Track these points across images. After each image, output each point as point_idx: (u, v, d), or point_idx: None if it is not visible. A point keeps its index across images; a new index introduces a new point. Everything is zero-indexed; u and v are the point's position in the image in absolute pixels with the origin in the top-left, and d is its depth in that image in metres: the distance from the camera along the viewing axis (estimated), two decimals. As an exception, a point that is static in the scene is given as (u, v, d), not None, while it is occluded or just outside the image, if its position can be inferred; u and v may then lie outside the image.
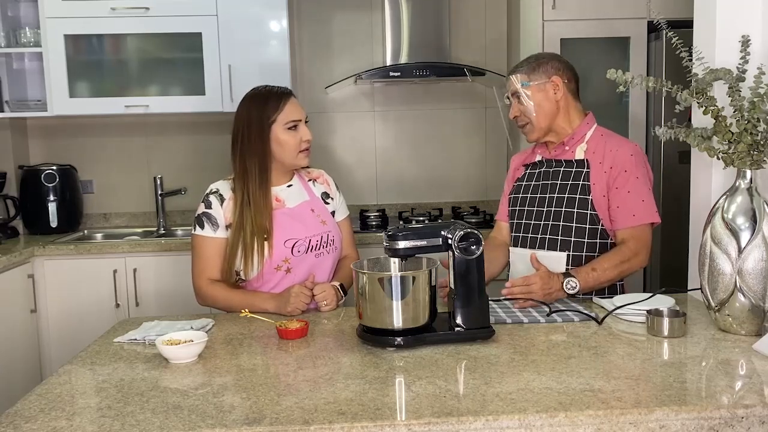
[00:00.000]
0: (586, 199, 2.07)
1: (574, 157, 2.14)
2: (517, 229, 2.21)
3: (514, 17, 3.77)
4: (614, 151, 2.08)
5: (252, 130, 2.07)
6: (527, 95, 2.13)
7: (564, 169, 2.15)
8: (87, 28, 3.42)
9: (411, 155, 4.01)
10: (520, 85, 2.14)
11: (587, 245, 2.07)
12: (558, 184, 2.14)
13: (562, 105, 2.13)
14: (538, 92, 2.13)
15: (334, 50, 3.92)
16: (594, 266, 1.99)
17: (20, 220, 3.62)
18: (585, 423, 1.25)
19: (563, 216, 2.09)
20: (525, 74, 2.14)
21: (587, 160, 2.11)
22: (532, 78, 2.13)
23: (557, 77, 2.12)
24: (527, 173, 2.26)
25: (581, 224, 2.07)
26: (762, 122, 1.65)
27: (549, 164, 2.19)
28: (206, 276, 2.09)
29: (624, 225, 2.05)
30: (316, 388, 1.41)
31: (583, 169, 2.10)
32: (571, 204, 2.09)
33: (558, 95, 2.13)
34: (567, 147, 2.15)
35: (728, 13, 1.97)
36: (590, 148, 2.12)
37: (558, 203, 2.11)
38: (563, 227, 2.09)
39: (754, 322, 1.66)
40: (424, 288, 1.65)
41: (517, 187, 2.27)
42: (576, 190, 2.09)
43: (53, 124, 3.78)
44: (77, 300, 3.25)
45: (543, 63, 2.15)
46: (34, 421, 1.30)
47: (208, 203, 2.11)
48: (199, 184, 2.40)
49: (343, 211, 2.29)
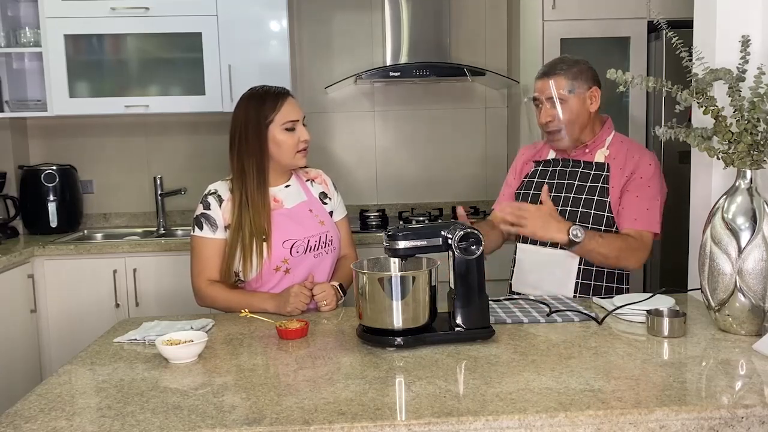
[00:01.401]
0: (604, 202, 2.07)
1: (594, 160, 2.13)
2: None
3: (514, 17, 3.77)
4: (636, 158, 2.08)
5: (249, 131, 2.07)
6: (566, 102, 2.06)
7: (582, 170, 2.13)
8: (87, 28, 3.42)
9: (411, 155, 4.01)
10: (565, 91, 2.06)
11: None
12: (575, 184, 2.13)
13: (593, 115, 2.11)
14: (578, 102, 2.07)
15: (334, 50, 3.92)
16: (602, 234, 2.00)
17: (20, 220, 3.62)
18: (585, 423, 1.25)
19: (579, 216, 2.08)
20: (568, 80, 2.07)
21: (608, 164, 2.10)
22: (575, 85, 2.07)
23: (596, 88, 2.09)
24: (539, 170, 2.23)
25: (597, 226, 2.07)
26: (762, 122, 1.65)
27: (565, 164, 2.17)
28: (205, 277, 2.09)
29: (624, 226, 2.06)
30: (316, 388, 1.41)
31: (602, 173, 2.10)
32: (589, 205, 2.08)
33: (594, 107, 2.10)
34: (588, 150, 2.14)
35: (728, 13, 1.97)
36: (611, 154, 2.11)
37: (575, 203, 2.10)
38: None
39: (754, 322, 1.66)
40: (424, 288, 1.65)
41: (528, 183, 2.24)
42: (594, 191, 2.09)
43: (53, 124, 3.78)
44: (77, 300, 3.25)
45: (584, 71, 2.10)
46: (34, 421, 1.30)
47: (207, 204, 2.10)
48: (199, 184, 2.40)
49: (341, 211, 2.29)
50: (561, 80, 2.08)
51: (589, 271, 2.09)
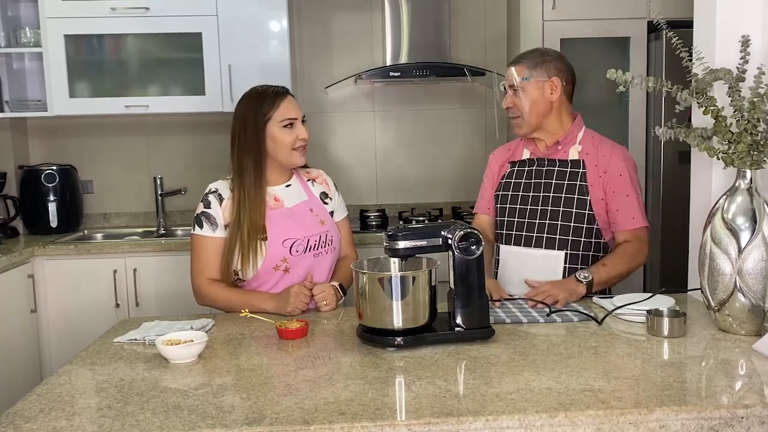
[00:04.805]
0: (585, 200, 2.09)
1: (568, 157, 2.16)
2: (508, 227, 2.21)
3: (514, 17, 3.77)
4: (607, 155, 2.13)
5: (248, 128, 2.08)
6: (524, 90, 2.13)
7: (558, 169, 2.16)
8: (87, 28, 3.42)
9: (411, 155, 4.00)
10: (519, 78, 2.13)
11: (584, 244, 2.10)
12: (553, 183, 2.15)
13: (555, 106, 2.15)
14: (535, 89, 2.13)
15: (334, 50, 3.92)
16: (604, 262, 2.05)
17: (20, 220, 3.62)
18: (585, 423, 1.25)
19: (561, 215, 2.11)
20: (527, 68, 2.13)
21: (583, 160, 2.13)
22: (533, 74, 2.13)
23: (557, 78, 2.13)
24: (515, 171, 2.26)
25: (579, 224, 2.10)
26: (762, 122, 1.65)
27: (540, 163, 2.20)
28: (205, 276, 2.09)
29: (624, 227, 2.10)
30: (316, 388, 1.41)
31: (579, 170, 2.13)
32: (569, 204, 2.11)
33: (554, 96, 2.13)
34: (560, 147, 2.17)
35: (728, 13, 1.97)
36: (584, 150, 2.15)
37: (555, 202, 2.13)
38: (561, 226, 2.10)
39: (754, 322, 1.66)
40: (424, 288, 1.65)
41: (505, 184, 2.26)
42: (573, 190, 2.11)
43: (53, 124, 3.78)
44: (77, 300, 3.25)
45: (547, 61, 2.14)
46: (34, 421, 1.30)
47: (207, 203, 2.11)
48: (199, 184, 2.40)
49: (342, 211, 2.29)
50: (520, 68, 2.15)
51: (574, 269, 2.09)
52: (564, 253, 2.10)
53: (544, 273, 2.11)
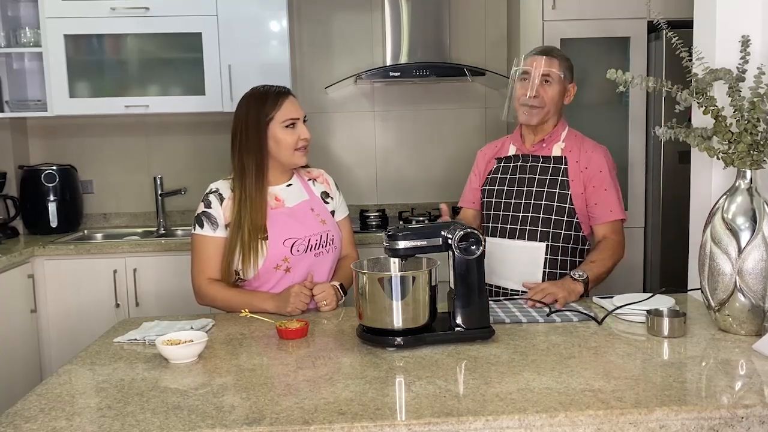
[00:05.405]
0: (565, 194, 2.19)
1: (552, 154, 2.24)
2: (494, 220, 2.29)
3: (514, 17, 3.77)
4: (589, 153, 2.22)
5: (250, 128, 2.08)
6: (553, 84, 2.19)
7: (541, 165, 2.25)
8: (87, 28, 3.42)
9: (411, 155, 4.00)
10: (559, 72, 2.19)
11: (564, 236, 2.19)
12: (536, 178, 2.23)
13: (560, 108, 2.26)
14: (561, 89, 2.22)
15: (334, 50, 3.92)
16: (591, 259, 2.13)
17: (20, 220, 3.62)
18: (585, 423, 1.25)
19: (543, 208, 2.19)
20: (560, 65, 2.21)
21: (565, 157, 2.22)
22: (564, 74, 2.22)
23: (573, 85, 2.26)
24: (501, 166, 2.33)
25: (560, 217, 2.18)
26: (762, 122, 1.65)
27: (525, 159, 2.28)
28: (206, 275, 2.09)
29: (602, 220, 2.19)
30: (316, 388, 1.41)
31: (561, 166, 2.22)
32: (551, 198, 2.19)
33: (567, 100, 2.26)
34: (545, 144, 2.25)
35: (728, 13, 1.97)
36: (567, 147, 2.24)
37: (537, 196, 2.21)
38: (543, 219, 2.19)
39: (754, 322, 1.66)
40: (424, 288, 1.65)
41: (492, 179, 2.34)
42: (555, 184, 2.20)
43: (53, 124, 3.78)
44: (77, 300, 3.25)
45: (571, 67, 2.26)
46: (34, 421, 1.30)
47: (208, 203, 2.11)
48: (199, 184, 2.40)
49: (342, 210, 2.29)
50: (555, 62, 2.20)
51: (554, 260, 2.18)
52: (545, 244, 2.18)
53: (526, 263, 2.19)
